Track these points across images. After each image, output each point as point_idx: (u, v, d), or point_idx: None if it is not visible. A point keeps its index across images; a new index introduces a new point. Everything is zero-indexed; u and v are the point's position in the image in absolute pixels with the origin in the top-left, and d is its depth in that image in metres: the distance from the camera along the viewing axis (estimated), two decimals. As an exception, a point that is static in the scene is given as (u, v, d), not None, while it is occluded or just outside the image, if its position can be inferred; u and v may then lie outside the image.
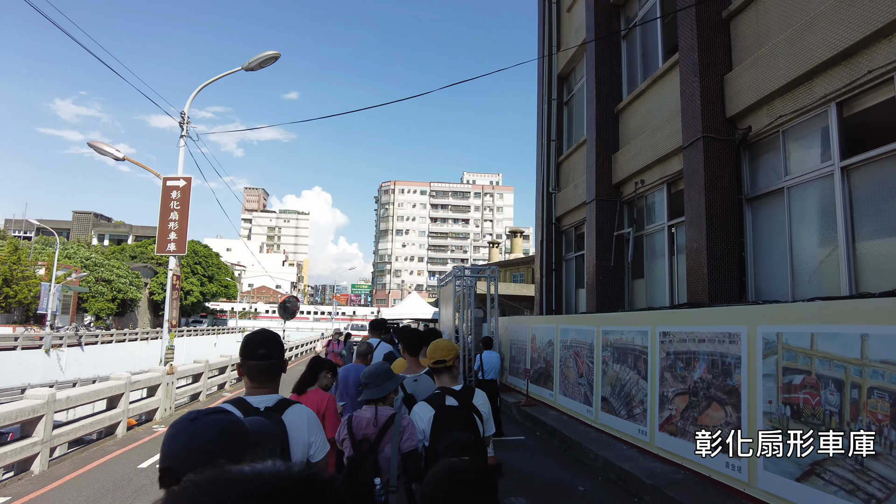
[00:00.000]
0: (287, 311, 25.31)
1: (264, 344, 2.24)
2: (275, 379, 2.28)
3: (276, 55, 12.27)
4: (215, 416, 1.35)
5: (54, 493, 6.27)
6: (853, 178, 5.77)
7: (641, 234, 10.32)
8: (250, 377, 2.25)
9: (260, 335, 2.28)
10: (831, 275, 5.97)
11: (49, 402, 7.10)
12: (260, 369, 2.22)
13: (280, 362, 2.28)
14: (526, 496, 6.11)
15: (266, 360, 2.22)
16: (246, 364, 2.23)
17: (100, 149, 11.84)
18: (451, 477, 1.27)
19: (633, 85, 10.94)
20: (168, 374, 10.83)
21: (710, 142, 7.35)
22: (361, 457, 2.87)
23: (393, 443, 2.89)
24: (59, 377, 25.97)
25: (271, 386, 2.27)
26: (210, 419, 1.34)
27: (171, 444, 1.32)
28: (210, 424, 1.32)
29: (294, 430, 2.15)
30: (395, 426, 2.93)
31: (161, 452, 1.32)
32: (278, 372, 2.29)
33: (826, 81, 5.89)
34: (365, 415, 3.00)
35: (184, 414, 1.44)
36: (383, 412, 3.00)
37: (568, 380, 9.72)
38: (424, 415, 2.90)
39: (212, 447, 1.27)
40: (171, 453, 1.30)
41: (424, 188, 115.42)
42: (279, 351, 2.27)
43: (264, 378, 2.24)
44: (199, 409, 1.40)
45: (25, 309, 37.47)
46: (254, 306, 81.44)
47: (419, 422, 2.89)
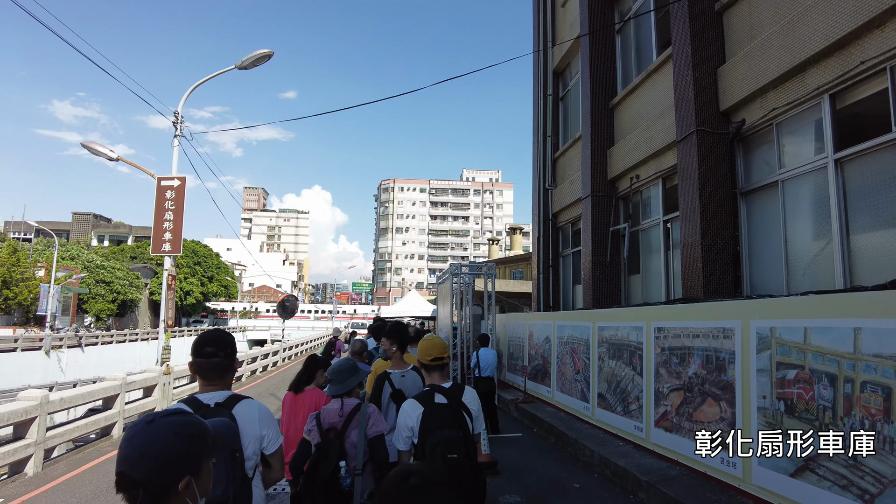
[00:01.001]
0: (286, 310, 25.30)
1: (211, 343, 2.33)
2: (223, 376, 2.36)
3: (269, 53, 12.22)
4: (172, 419, 1.32)
5: (47, 495, 6.25)
6: (847, 170, 5.71)
7: (637, 229, 10.28)
8: (199, 374, 2.34)
9: (208, 334, 2.38)
10: (826, 268, 5.93)
11: (42, 403, 7.08)
12: (206, 367, 2.31)
13: (227, 360, 2.35)
14: (520, 494, 6.08)
15: (212, 358, 2.31)
16: (194, 362, 2.32)
17: (93, 149, 11.80)
18: (402, 483, 1.23)
19: (627, 79, 10.88)
20: (165, 374, 10.81)
21: (703, 135, 7.30)
22: (328, 444, 3.00)
23: (359, 429, 3.05)
24: (60, 378, 26.01)
25: (221, 382, 2.35)
26: (166, 421, 1.31)
27: (127, 447, 1.27)
28: (166, 426, 1.29)
29: (245, 423, 2.22)
30: (360, 413, 3.10)
31: (117, 456, 1.28)
32: (226, 369, 2.36)
33: (819, 73, 5.83)
34: (332, 407, 3.16)
35: (140, 416, 1.37)
36: (349, 403, 3.18)
37: (565, 376, 9.69)
38: (413, 412, 2.89)
39: (167, 451, 1.25)
40: (126, 457, 1.26)
41: (424, 186, 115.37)
42: (226, 349, 2.36)
43: (212, 375, 2.33)
44: (157, 411, 1.37)
45: (25, 311, 37.49)
46: (254, 306, 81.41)
47: (408, 419, 2.88)
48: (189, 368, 2.38)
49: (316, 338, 38.86)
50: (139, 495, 1.20)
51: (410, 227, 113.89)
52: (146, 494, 1.20)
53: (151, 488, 1.21)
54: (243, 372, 17.32)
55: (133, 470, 1.21)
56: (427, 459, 2.70)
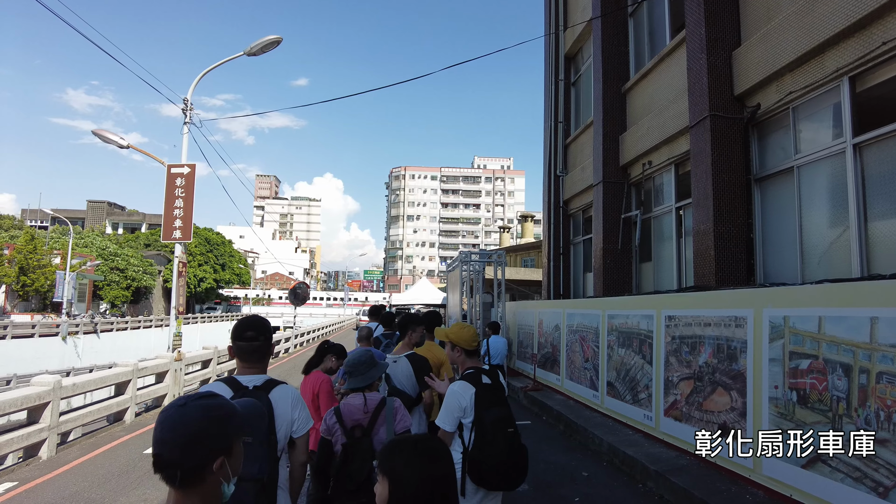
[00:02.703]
0: (297, 297, 25.47)
1: (252, 327, 2.42)
2: (262, 360, 2.46)
3: (278, 39, 12.14)
4: (202, 402, 1.40)
5: (61, 478, 6.34)
6: (866, 155, 5.55)
7: (649, 216, 10.13)
8: (239, 357, 2.44)
9: (249, 319, 2.47)
10: (842, 256, 5.79)
11: (55, 388, 7.17)
12: (247, 350, 2.41)
13: (266, 344, 2.45)
14: (528, 481, 6.05)
15: (253, 342, 2.41)
16: (235, 345, 2.42)
17: (104, 137, 11.85)
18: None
19: (640, 64, 10.67)
20: (176, 360, 10.93)
21: (717, 120, 7.13)
22: (356, 442, 2.89)
23: (387, 425, 2.97)
24: (76, 364, 26.43)
25: (259, 366, 2.45)
26: (197, 404, 1.38)
27: (162, 430, 1.36)
28: (197, 409, 1.36)
29: (279, 406, 2.32)
30: (387, 409, 3.00)
31: (153, 439, 1.37)
32: (265, 353, 2.47)
33: (838, 55, 5.65)
34: (354, 402, 2.99)
35: (173, 399, 1.52)
36: (372, 398, 3.03)
37: (574, 364, 9.63)
38: (466, 393, 2.99)
39: (200, 432, 1.33)
40: (161, 439, 1.34)
41: (435, 173, 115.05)
42: (265, 334, 2.45)
43: (251, 358, 2.43)
44: (189, 395, 1.45)
45: (42, 297, 38.08)
46: (267, 293, 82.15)
47: (461, 399, 2.96)
48: (228, 352, 2.49)
49: (328, 324, 39.09)
50: (177, 475, 1.27)
51: (422, 215, 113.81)
52: (183, 474, 1.27)
53: (187, 468, 1.28)
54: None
55: (169, 451, 1.29)
56: (489, 434, 2.88)
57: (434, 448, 1.48)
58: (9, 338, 25.89)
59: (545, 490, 5.85)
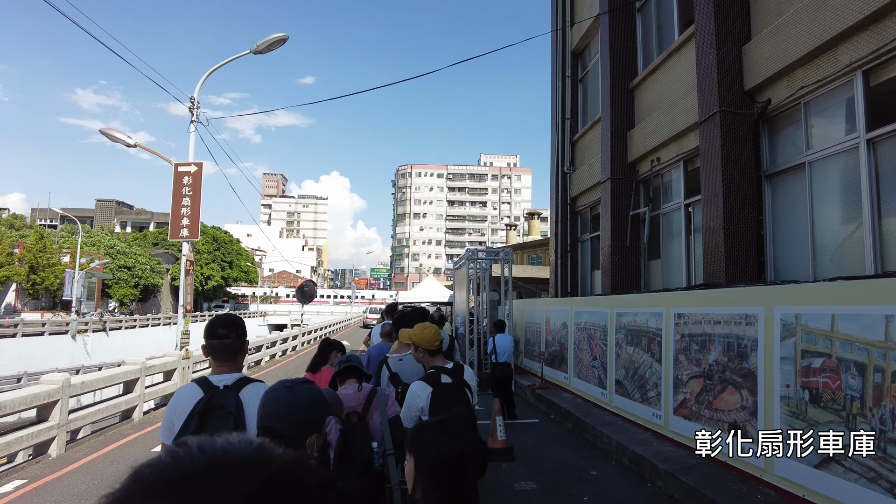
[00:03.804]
0: (304, 295, 25.52)
1: (223, 325, 2.41)
2: (234, 357, 2.44)
3: (284, 37, 12.13)
4: (306, 386, 1.65)
5: (69, 477, 6.37)
6: (880, 150, 5.46)
7: (658, 213, 10.05)
8: (212, 356, 2.42)
9: (220, 317, 2.46)
10: (855, 253, 5.70)
11: (64, 386, 7.20)
12: (219, 348, 2.39)
13: (238, 342, 2.42)
14: (536, 481, 6.03)
15: (224, 340, 2.38)
16: (207, 343, 2.40)
17: (112, 136, 11.89)
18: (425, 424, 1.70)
19: (648, 59, 10.57)
20: (184, 358, 10.96)
21: (727, 116, 7.04)
22: (353, 427, 3.02)
23: (381, 410, 3.18)
24: (86, 362, 26.59)
25: (232, 364, 2.43)
26: (303, 388, 1.64)
27: (274, 406, 1.59)
28: (305, 392, 1.61)
29: (250, 405, 2.27)
30: (379, 396, 3.23)
31: (260, 413, 1.61)
32: (237, 351, 2.44)
33: (852, 48, 5.55)
34: (348, 391, 3.21)
35: (276, 382, 1.75)
36: (365, 387, 3.27)
37: (582, 362, 9.58)
38: (423, 392, 3.10)
39: (309, 412, 1.58)
40: (274, 414, 1.57)
41: (441, 171, 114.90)
42: (237, 331, 2.43)
43: (223, 356, 2.40)
44: (287, 379, 1.71)
45: (52, 295, 38.38)
46: (275, 290, 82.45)
47: (418, 399, 3.09)
48: (202, 351, 2.43)
49: (335, 322, 39.15)
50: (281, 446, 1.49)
51: (428, 213, 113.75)
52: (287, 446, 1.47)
53: (291, 441, 1.45)
54: (262, 356, 17.51)
55: (280, 425, 1.49)
56: None
57: (454, 428, 1.62)
58: (19, 336, 26.10)
59: (554, 489, 5.81)
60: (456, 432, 1.62)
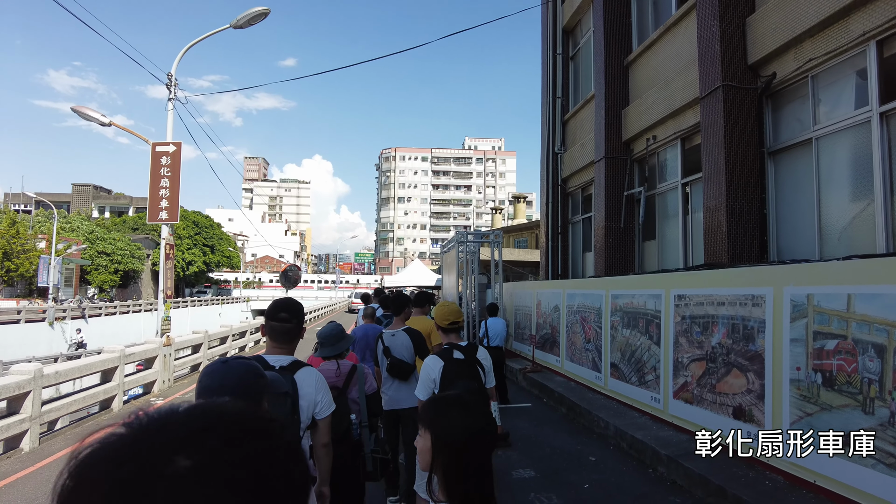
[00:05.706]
0: (289, 280, 25.06)
1: (286, 309, 2.52)
2: (292, 341, 2.55)
3: (265, 11, 11.60)
4: (242, 360, 1.73)
5: (42, 472, 6.03)
6: (893, 124, 5.26)
7: (653, 193, 9.84)
8: (270, 337, 2.54)
9: (283, 301, 2.57)
10: (865, 232, 5.53)
11: (36, 377, 6.81)
12: (279, 331, 2.51)
13: (297, 327, 2.54)
14: (534, 467, 5.84)
15: (286, 324, 2.50)
16: (268, 325, 2.52)
17: (84, 114, 11.32)
18: (440, 398, 1.73)
19: (643, 35, 10.28)
20: (165, 345, 10.57)
21: (730, 91, 6.80)
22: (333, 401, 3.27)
23: (359, 386, 3.47)
24: (64, 350, 25.94)
25: (289, 347, 2.54)
26: (238, 362, 1.72)
27: (209, 379, 1.64)
28: (239, 365, 1.68)
29: (304, 388, 2.40)
30: (359, 374, 3.51)
31: (197, 388, 1.67)
32: (295, 335, 2.55)
33: (865, 17, 5.32)
34: (329, 368, 3.45)
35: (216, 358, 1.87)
36: (344, 365, 3.54)
37: (575, 346, 9.40)
38: (435, 366, 3.26)
39: (242, 383, 1.60)
40: (208, 387, 1.62)
41: (426, 154, 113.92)
42: (299, 316, 2.56)
43: (282, 339, 2.52)
44: (228, 356, 1.83)
45: (28, 282, 37.35)
46: (258, 276, 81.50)
47: (431, 372, 3.26)
48: (260, 331, 2.55)
49: (320, 307, 38.76)
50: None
51: (412, 197, 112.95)
52: None
53: None
54: (247, 342, 17.13)
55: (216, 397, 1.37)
56: None
57: (469, 403, 1.60)
58: (-7, 324, 25.32)
59: (553, 476, 5.62)
60: (472, 408, 1.61)
